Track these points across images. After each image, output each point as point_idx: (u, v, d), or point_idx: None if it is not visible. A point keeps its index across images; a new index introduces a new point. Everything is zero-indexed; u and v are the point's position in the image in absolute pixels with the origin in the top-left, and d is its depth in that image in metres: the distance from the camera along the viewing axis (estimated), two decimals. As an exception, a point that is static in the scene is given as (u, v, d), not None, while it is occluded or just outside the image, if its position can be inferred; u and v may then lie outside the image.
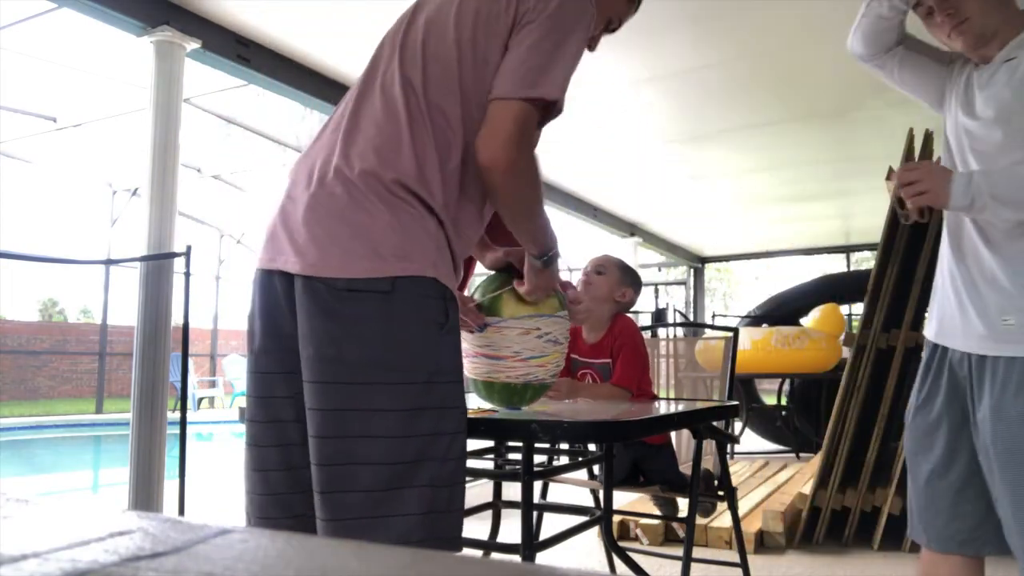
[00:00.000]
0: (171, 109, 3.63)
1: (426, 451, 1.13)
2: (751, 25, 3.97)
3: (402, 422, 1.11)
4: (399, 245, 1.13)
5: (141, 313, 3.53)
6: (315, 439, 1.13)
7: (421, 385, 1.13)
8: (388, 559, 0.30)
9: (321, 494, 1.13)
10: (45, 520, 0.36)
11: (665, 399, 2.68)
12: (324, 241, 1.14)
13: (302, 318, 1.15)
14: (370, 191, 1.15)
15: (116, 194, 10.29)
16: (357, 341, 1.12)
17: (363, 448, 1.10)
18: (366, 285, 1.11)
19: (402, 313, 1.13)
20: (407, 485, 1.11)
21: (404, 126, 1.17)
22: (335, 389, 1.12)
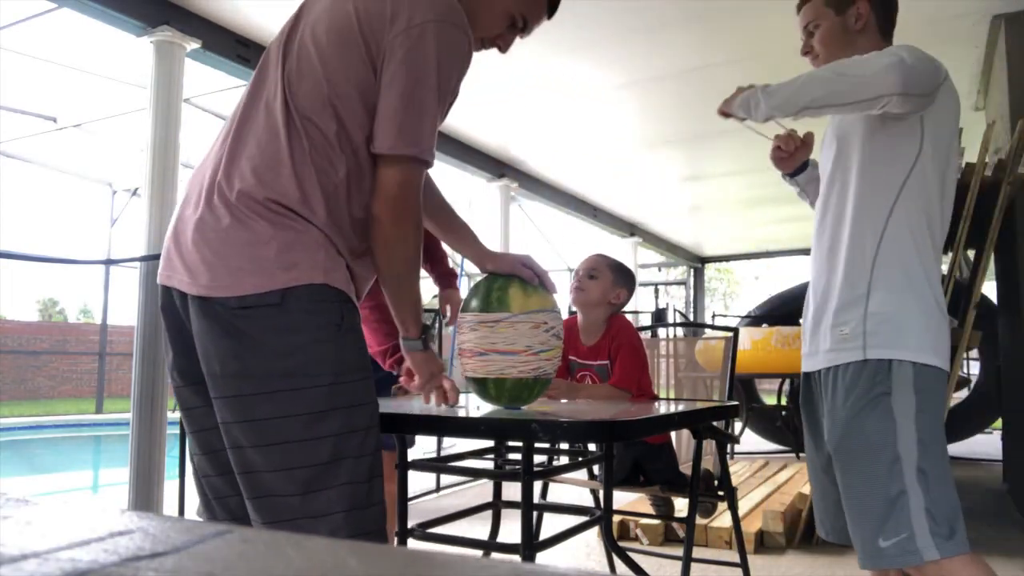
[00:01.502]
0: (171, 109, 3.63)
1: (341, 450, 1.15)
2: (751, 26, 3.97)
3: (312, 425, 1.13)
4: (284, 257, 1.15)
5: (141, 313, 3.53)
6: (234, 450, 1.17)
7: (327, 387, 1.15)
8: (388, 559, 0.30)
9: (250, 500, 1.17)
10: (45, 520, 0.36)
11: (665, 399, 2.68)
12: (212, 262, 1.16)
13: (199, 338, 1.18)
14: (250, 211, 1.16)
15: (116, 194, 10.29)
16: (257, 354, 1.14)
17: (278, 454, 1.13)
18: (257, 300, 1.13)
19: (296, 321, 1.15)
20: (327, 486, 1.14)
21: (283, 143, 1.18)
22: (243, 401, 1.14)
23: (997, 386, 4.83)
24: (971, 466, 5.85)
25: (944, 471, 1.38)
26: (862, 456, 1.40)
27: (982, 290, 3.35)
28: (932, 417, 1.37)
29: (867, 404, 1.38)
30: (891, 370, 1.36)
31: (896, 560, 1.34)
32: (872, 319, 1.37)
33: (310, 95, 1.19)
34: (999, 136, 3.90)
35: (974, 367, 7.17)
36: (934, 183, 1.43)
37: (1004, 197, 3.16)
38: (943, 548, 1.33)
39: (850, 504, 1.43)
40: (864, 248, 1.42)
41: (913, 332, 1.37)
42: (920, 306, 1.38)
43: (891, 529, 1.34)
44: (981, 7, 3.84)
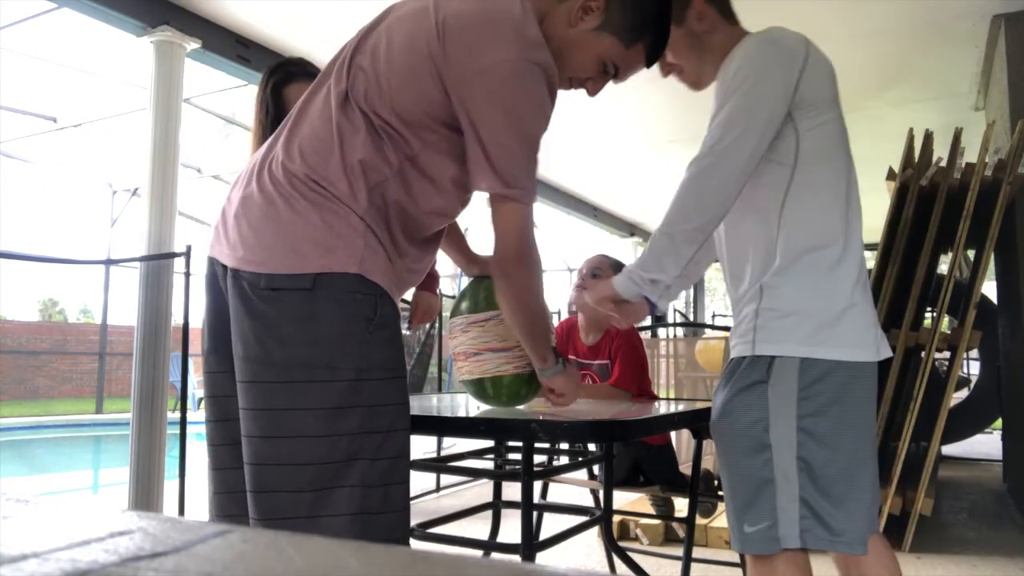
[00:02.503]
0: (171, 109, 3.64)
1: (357, 451, 1.12)
2: (752, 26, 3.96)
3: (327, 421, 1.10)
4: (322, 242, 1.13)
5: (141, 313, 3.53)
6: (245, 439, 1.14)
7: (348, 383, 1.12)
8: (388, 559, 0.30)
9: (251, 493, 1.13)
10: (45, 520, 0.36)
11: (665, 399, 2.68)
12: (248, 236, 1.16)
13: (232, 317, 1.17)
14: (294, 189, 1.16)
15: (116, 194, 10.29)
16: (281, 340, 1.12)
17: (288, 448, 1.10)
18: (287, 283, 1.11)
19: (325, 311, 1.12)
20: (337, 485, 1.10)
21: (335, 131, 1.18)
22: (260, 388, 1.12)
23: (997, 386, 4.83)
24: (971, 466, 5.85)
25: (844, 467, 1.33)
26: (731, 441, 1.39)
27: (982, 290, 3.35)
28: (827, 409, 1.33)
29: (741, 390, 1.37)
30: (773, 363, 1.34)
31: (757, 546, 1.33)
32: (763, 315, 1.35)
33: (372, 91, 1.19)
34: (999, 136, 3.90)
35: (974, 367, 7.17)
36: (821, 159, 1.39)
37: (1004, 197, 3.16)
38: (807, 539, 1.31)
39: (724, 487, 1.43)
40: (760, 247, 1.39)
41: (803, 326, 1.33)
42: (818, 300, 1.34)
43: (754, 516, 1.34)
44: (981, 7, 3.84)
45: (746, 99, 1.34)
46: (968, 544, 3.22)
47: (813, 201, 1.37)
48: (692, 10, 1.50)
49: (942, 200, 3.19)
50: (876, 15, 3.90)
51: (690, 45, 1.52)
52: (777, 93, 1.35)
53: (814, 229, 1.36)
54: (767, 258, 1.37)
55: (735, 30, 1.53)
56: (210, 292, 1.26)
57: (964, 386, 6.09)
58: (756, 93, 1.35)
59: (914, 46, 4.30)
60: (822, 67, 1.42)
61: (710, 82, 1.55)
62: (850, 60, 4.48)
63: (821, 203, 1.38)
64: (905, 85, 4.87)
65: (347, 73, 1.21)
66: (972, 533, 3.44)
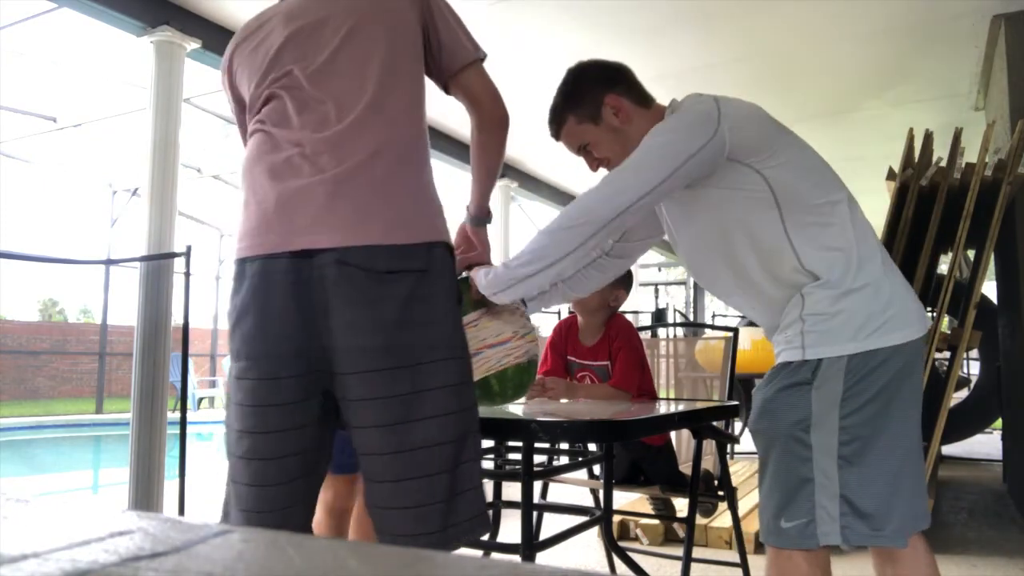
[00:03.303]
0: (171, 109, 3.63)
1: (469, 426, 1.17)
2: (753, 26, 3.97)
3: (451, 398, 1.14)
4: (427, 209, 1.21)
5: (141, 313, 3.53)
6: (370, 429, 1.12)
7: (458, 359, 1.18)
8: (388, 559, 0.30)
9: (386, 483, 1.12)
10: (45, 520, 0.36)
11: (665, 399, 2.68)
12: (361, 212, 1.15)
13: (334, 308, 1.11)
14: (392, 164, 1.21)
15: (116, 194, 10.29)
16: (402, 324, 1.12)
17: (422, 432, 1.11)
18: (402, 263, 1.13)
19: (437, 288, 1.16)
20: (461, 461, 1.14)
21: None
22: (387, 376, 1.11)
23: (997, 386, 4.83)
24: (971, 466, 5.85)
25: (884, 462, 1.33)
26: (771, 440, 1.40)
27: (982, 290, 3.34)
28: (871, 403, 1.33)
29: (782, 390, 1.38)
30: (820, 365, 1.35)
31: (794, 541, 1.34)
32: (808, 320, 1.36)
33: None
34: (999, 136, 3.90)
35: (974, 367, 7.17)
36: (799, 181, 1.40)
37: (1004, 197, 3.16)
38: (847, 535, 1.32)
39: (761, 483, 1.43)
40: (785, 273, 1.40)
41: (851, 322, 1.34)
42: (859, 296, 1.36)
43: (793, 512, 1.35)
44: (981, 7, 3.84)
45: (652, 145, 1.38)
46: (968, 544, 3.22)
47: (813, 218, 1.39)
48: (606, 107, 1.51)
49: (942, 200, 3.18)
50: (876, 15, 3.90)
51: (613, 140, 1.53)
52: (685, 149, 1.36)
53: (826, 241, 1.38)
54: (796, 276, 1.39)
55: (652, 113, 1.54)
56: (264, 292, 1.16)
57: (964, 386, 6.09)
58: (662, 144, 1.38)
59: (914, 46, 4.30)
60: (740, 114, 1.42)
61: None
62: (850, 60, 4.48)
63: (822, 216, 1.40)
64: (905, 85, 4.87)
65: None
66: (972, 533, 3.44)
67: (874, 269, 1.39)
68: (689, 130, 1.37)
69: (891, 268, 1.43)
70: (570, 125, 1.55)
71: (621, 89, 1.52)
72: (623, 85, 1.53)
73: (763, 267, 1.42)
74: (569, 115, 1.54)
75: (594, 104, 1.51)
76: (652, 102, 1.56)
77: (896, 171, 3.39)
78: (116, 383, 14.21)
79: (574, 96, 1.53)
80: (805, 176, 1.42)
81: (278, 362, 1.15)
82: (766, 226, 1.40)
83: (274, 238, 1.15)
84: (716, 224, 1.44)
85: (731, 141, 1.37)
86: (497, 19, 3.88)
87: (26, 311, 22.79)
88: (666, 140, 1.38)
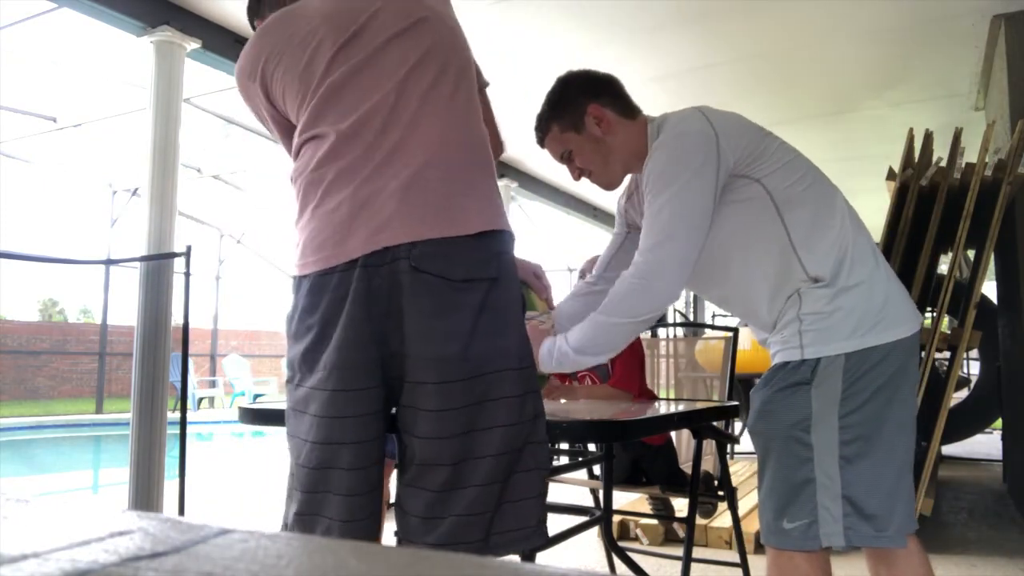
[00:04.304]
0: (171, 109, 3.64)
1: (530, 434, 1.16)
2: (753, 27, 3.97)
3: (516, 408, 1.14)
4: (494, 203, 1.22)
5: (141, 313, 3.53)
6: (437, 440, 1.11)
7: (523, 370, 1.16)
8: (388, 559, 0.30)
9: (442, 492, 1.11)
10: (45, 520, 0.36)
11: (665, 399, 2.68)
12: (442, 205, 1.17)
13: (415, 315, 1.10)
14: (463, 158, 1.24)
15: (116, 194, 10.29)
16: (474, 333, 1.11)
17: (482, 441, 1.11)
18: (476, 271, 1.13)
19: (506, 298, 1.16)
20: (518, 470, 1.14)
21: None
22: (459, 387, 1.11)
23: (997, 386, 4.83)
24: (971, 466, 5.85)
25: (886, 461, 1.34)
26: (770, 441, 1.40)
27: (982, 290, 3.34)
28: (870, 402, 1.33)
29: (781, 390, 1.38)
30: (818, 364, 1.35)
31: (796, 542, 1.34)
32: (806, 319, 1.36)
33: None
34: (999, 136, 3.90)
35: (974, 367, 7.17)
36: (795, 185, 1.41)
37: (1004, 197, 3.16)
38: (851, 537, 1.31)
39: (761, 484, 1.43)
40: (784, 274, 1.40)
41: (848, 320, 1.34)
42: (856, 294, 1.36)
43: (795, 513, 1.35)
44: (981, 7, 3.84)
45: (678, 202, 1.37)
46: (968, 544, 3.22)
47: (812, 219, 1.40)
48: (588, 116, 1.52)
49: (942, 200, 3.18)
50: (876, 15, 3.90)
51: (594, 149, 1.54)
52: (706, 187, 1.37)
53: (831, 238, 1.39)
54: (798, 279, 1.39)
55: (636, 124, 1.54)
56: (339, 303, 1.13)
57: (964, 386, 6.09)
58: (686, 194, 1.37)
59: (914, 46, 4.30)
60: (730, 126, 1.43)
61: (621, 182, 1.60)
62: (850, 60, 4.48)
63: (819, 216, 1.40)
64: (905, 85, 4.87)
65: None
66: (972, 533, 3.44)
67: (868, 266, 1.39)
68: (701, 167, 1.37)
69: (883, 265, 1.44)
70: (554, 133, 1.56)
71: (605, 100, 1.53)
72: (607, 96, 1.53)
73: (765, 275, 1.42)
74: (553, 123, 1.56)
75: (577, 113, 1.52)
76: (638, 114, 1.56)
77: (896, 171, 3.39)
78: (116, 383, 14.20)
79: (558, 104, 1.55)
80: (799, 179, 1.43)
81: (353, 373, 1.13)
82: (770, 235, 1.40)
83: (353, 244, 1.13)
84: (715, 238, 1.43)
85: (732, 157, 1.38)
86: (497, 19, 3.88)
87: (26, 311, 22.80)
88: (687, 186, 1.37)
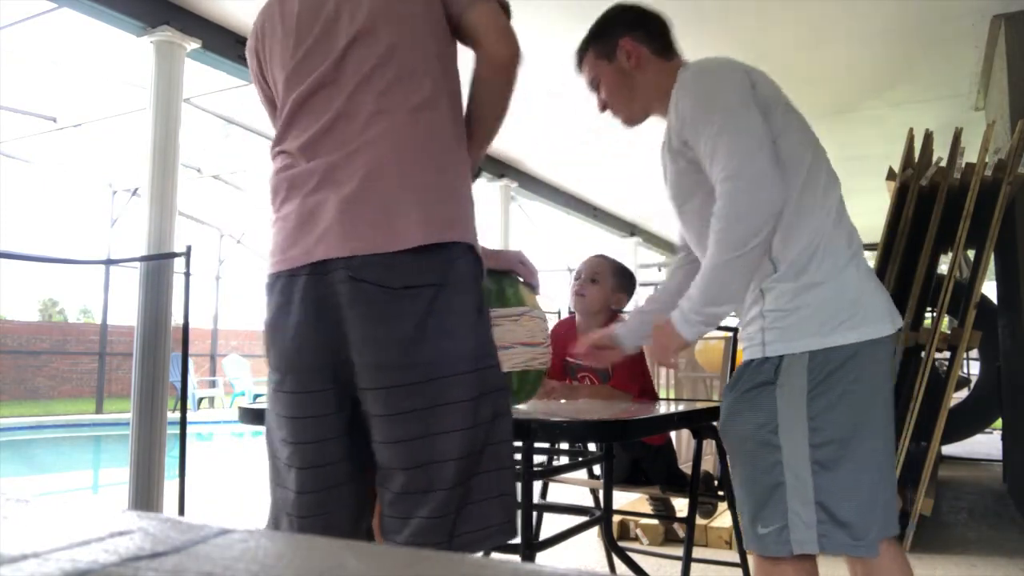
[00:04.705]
0: (171, 109, 3.64)
1: (490, 436, 1.14)
2: (752, 26, 3.97)
3: (471, 412, 1.12)
4: (443, 210, 1.16)
5: (141, 313, 3.53)
6: (392, 445, 1.11)
7: (479, 372, 1.14)
8: (387, 559, 0.30)
9: (407, 495, 1.12)
10: (45, 520, 0.36)
11: (665, 399, 2.68)
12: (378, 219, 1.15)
13: (358, 323, 1.11)
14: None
15: (116, 194, 10.29)
16: (420, 339, 1.10)
17: (440, 446, 1.10)
18: (417, 278, 1.10)
19: (457, 302, 1.13)
20: (480, 472, 1.13)
21: None
22: (405, 391, 1.10)
23: (997, 386, 4.83)
24: (971, 466, 5.85)
25: (861, 467, 1.30)
26: (739, 444, 1.38)
27: (982, 290, 3.34)
28: (840, 403, 1.30)
29: (746, 391, 1.36)
30: (781, 363, 1.32)
31: (771, 548, 1.32)
32: (768, 316, 1.34)
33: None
34: (999, 136, 3.90)
35: (974, 367, 7.17)
36: (793, 162, 1.36)
37: (1004, 197, 3.16)
38: (825, 544, 1.29)
39: (736, 489, 1.42)
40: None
41: (813, 319, 1.31)
42: (824, 290, 1.32)
43: (767, 518, 1.33)
44: (981, 7, 3.84)
45: (729, 122, 1.31)
46: (968, 544, 3.22)
47: (801, 199, 1.35)
48: (621, 48, 1.51)
49: (942, 200, 3.18)
50: (876, 16, 3.90)
51: (620, 82, 1.53)
52: (746, 96, 1.33)
53: (807, 228, 1.34)
54: (764, 265, 1.35)
55: (669, 65, 1.51)
56: (288, 308, 1.17)
57: (964, 386, 6.09)
58: (734, 114, 1.31)
59: (914, 46, 4.30)
60: (759, 72, 1.41)
61: (642, 120, 1.56)
62: (850, 60, 4.48)
63: (811, 197, 1.36)
64: (905, 85, 4.87)
65: None
66: (972, 533, 3.44)
67: (839, 263, 1.34)
68: (738, 85, 1.34)
69: (859, 263, 1.38)
70: (589, 58, 1.57)
71: (641, 35, 1.51)
72: (645, 32, 1.52)
73: None
74: (590, 48, 1.57)
75: (611, 43, 1.52)
76: (674, 56, 1.53)
77: (896, 171, 3.39)
78: (116, 383, 14.20)
79: (598, 31, 1.56)
80: (807, 148, 1.38)
81: (307, 376, 1.17)
82: None
83: (294, 253, 1.16)
84: (706, 205, 1.37)
85: (761, 89, 1.36)
86: (497, 19, 3.88)
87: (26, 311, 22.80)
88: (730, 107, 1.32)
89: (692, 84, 1.39)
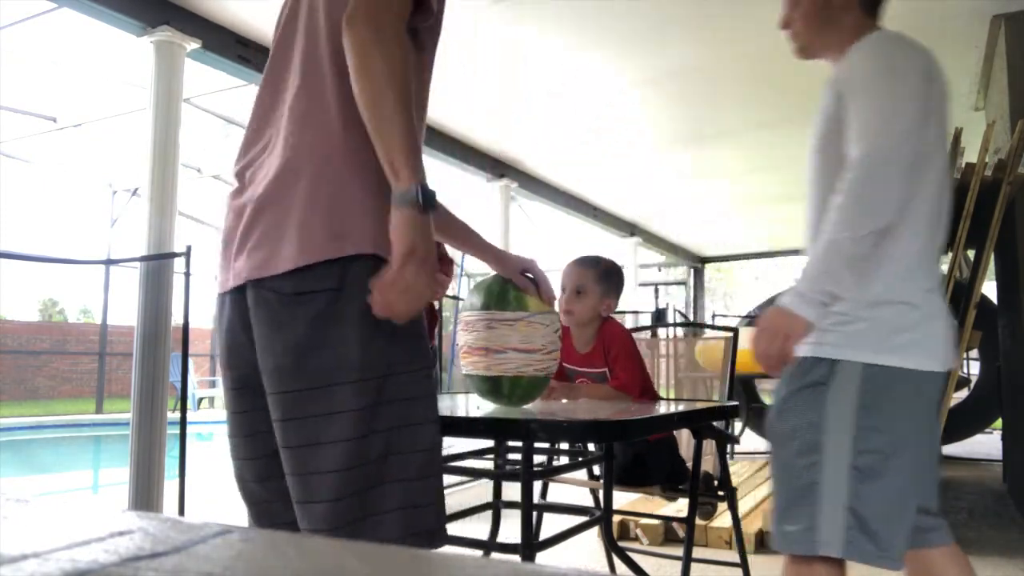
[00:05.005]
0: (171, 109, 3.64)
1: (391, 447, 1.11)
2: (751, 26, 3.97)
3: (363, 421, 1.09)
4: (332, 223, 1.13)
5: (141, 313, 3.53)
6: (284, 450, 1.13)
7: (377, 380, 1.10)
8: (388, 559, 0.30)
9: (299, 504, 1.12)
10: (45, 520, 0.36)
11: (665, 399, 2.68)
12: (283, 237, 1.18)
13: (257, 329, 1.15)
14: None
15: (116, 194, 10.29)
16: (309, 347, 1.10)
17: (328, 454, 1.08)
18: (313, 284, 1.10)
19: (351, 310, 1.09)
20: (377, 483, 1.10)
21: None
22: (293, 398, 1.10)
23: (997, 386, 4.83)
24: (971, 466, 5.85)
25: (900, 484, 1.30)
26: (781, 440, 1.38)
27: (982, 290, 3.34)
28: (890, 422, 1.31)
29: (798, 390, 1.36)
30: (835, 366, 1.32)
31: (796, 546, 1.32)
32: (831, 317, 1.32)
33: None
34: (999, 136, 3.90)
35: (974, 367, 7.17)
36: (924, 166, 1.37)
37: (1004, 197, 3.16)
38: (850, 550, 1.28)
39: (772, 484, 1.43)
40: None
41: (874, 332, 1.31)
42: (892, 307, 1.32)
43: (796, 515, 1.33)
44: (981, 7, 3.84)
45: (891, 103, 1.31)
46: (968, 544, 3.22)
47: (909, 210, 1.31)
48: None
49: (942, 200, 3.18)
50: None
51: (817, 12, 1.51)
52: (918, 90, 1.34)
53: (888, 244, 1.30)
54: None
55: (867, 23, 1.51)
56: (219, 318, 1.28)
57: (964, 386, 6.09)
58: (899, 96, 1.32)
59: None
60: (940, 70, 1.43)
61: (817, 56, 1.54)
62: (850, 60, 4.46)
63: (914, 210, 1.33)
64: (905, 85, 4.86)
65: None
66: (972, 533, 3.44)
67: (918, 288, 1.34)
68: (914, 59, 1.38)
69: (937, 292, 1.37)
70: None
71: None
72: None
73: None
74: None
75: None
76: (877, 18, 1.53)
77: (896, 171, 3.39)
78: (116, 383, 14.20)
79: None
80: (935, 154, 1.38)
81: (239, 395, 1.24)
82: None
83: (221, 276, 1.24)
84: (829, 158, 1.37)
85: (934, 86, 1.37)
86: (497, 19, 3.88)
87: (26, 311, 22.79)
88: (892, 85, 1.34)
89: (877, 46, 1.40)
